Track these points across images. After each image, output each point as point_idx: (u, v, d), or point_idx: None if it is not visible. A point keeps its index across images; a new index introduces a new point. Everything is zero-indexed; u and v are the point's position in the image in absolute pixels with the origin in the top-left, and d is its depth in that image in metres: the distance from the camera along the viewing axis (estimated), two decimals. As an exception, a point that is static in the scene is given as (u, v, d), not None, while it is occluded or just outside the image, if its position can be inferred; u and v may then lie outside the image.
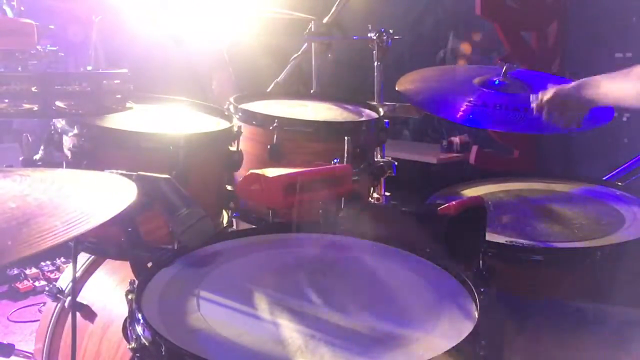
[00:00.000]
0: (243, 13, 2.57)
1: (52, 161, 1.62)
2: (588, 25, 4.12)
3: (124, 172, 1.20)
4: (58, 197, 0.95)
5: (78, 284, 1.70)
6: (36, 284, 3.65)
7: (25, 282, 3.66)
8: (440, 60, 4.78)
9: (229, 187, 1.73)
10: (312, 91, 2.68)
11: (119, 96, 1.58)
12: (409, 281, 1.24)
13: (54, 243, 0.78)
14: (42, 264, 3.81)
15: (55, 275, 3.69)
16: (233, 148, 1.71)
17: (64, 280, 1.86)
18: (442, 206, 1.42)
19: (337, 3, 2.75)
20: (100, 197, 1.02)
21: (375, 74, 2.33)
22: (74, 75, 1.53)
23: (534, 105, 1.80)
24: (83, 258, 1.83)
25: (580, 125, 1.77)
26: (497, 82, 2.18)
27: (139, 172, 1.22)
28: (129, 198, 0.99)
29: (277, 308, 1.11)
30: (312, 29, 2.75)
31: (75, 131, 1.54)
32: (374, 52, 2.33)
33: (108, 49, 2.75)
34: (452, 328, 1.06)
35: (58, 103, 1.48)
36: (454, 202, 1.42)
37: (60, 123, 1.60)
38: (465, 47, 4.52)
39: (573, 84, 1.73)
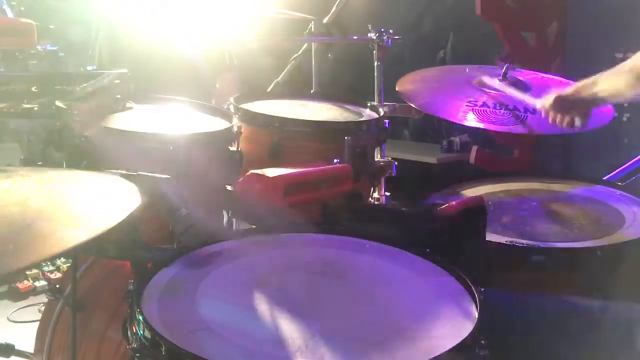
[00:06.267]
0: (243, 13, 2.57)
1: (52, 161, 1.62)
2: (588, 25, 4.12)
3: (124, 172, 1.20)
4: (60, 203, 0.95)
5: (78, 283, 1.70)
6: (36, 284, 3.65)
7: (25, 282, 3.66)
8: (440, 60, 4.77)
9: (229, 187, 1.73)
10: (312, 91, 2.68)
11: (119, 96, 1.59)
12: (409, 281, 1.24)
13: (54, 253, 0.78)
14: (42, 264, 3.80)
15: (55, 275, 3.69)
16: (233, 148, 1.71)
17: (64, 280, 1.85)
18: (442, 206, 1.42)
19: (337, 3, 2.75)
20: (102, 202, 1.02)
21: (375, 74, 2.33)
22: (74, 75, 1.53)
23: (539, 108, 1.88)
24: (83, 258, 1.82)
25: (585, 126, 1.83)
26: (497, 82, 2.17)
27: (139, 172, 1.22)
28: (132, 205, 0.98)
29: (277, 308, 1.10)
30: (312, 29, 2.75)
31: (76, 131, 1.54)
32: (374, 52, 2.33)
33: (109, 49, 2.75)
34: (452, 328, 1.06)
35: (58, 103, 1.48)
36: (454, 202, 1.42)
37: (60, 123, 1.60)
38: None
39: (571, 86, 1.81)
